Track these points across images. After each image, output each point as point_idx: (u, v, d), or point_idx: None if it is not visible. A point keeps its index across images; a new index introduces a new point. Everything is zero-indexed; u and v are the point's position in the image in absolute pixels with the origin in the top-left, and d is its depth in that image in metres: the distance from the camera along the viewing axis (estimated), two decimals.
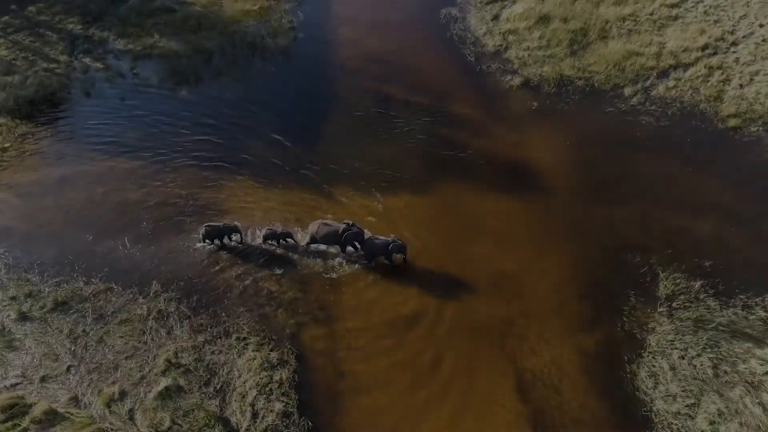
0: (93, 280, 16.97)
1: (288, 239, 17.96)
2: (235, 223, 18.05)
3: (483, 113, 23.34)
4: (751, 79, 23.33)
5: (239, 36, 27.91)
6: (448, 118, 23.13)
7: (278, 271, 17.37)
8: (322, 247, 17.93)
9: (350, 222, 17.36)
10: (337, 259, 17.71)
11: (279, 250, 17.99)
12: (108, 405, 13.99)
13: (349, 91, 24.65)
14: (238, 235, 18.04)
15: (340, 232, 17.26)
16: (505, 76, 25.19)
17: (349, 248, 17.77)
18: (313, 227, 17.55)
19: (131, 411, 13.94)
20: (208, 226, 17.67)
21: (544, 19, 27.70)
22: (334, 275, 17.31)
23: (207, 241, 17.87)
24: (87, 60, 26.04)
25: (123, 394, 14.26)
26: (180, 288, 16.84)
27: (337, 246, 17.76)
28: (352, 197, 19.67)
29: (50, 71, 24.98)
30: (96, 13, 29.04)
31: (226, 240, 18.07)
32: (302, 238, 18.23)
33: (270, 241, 17.98)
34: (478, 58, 26.43)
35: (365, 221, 18.61)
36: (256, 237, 18.31)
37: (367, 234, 17.84)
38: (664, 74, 24.28)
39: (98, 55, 26.30)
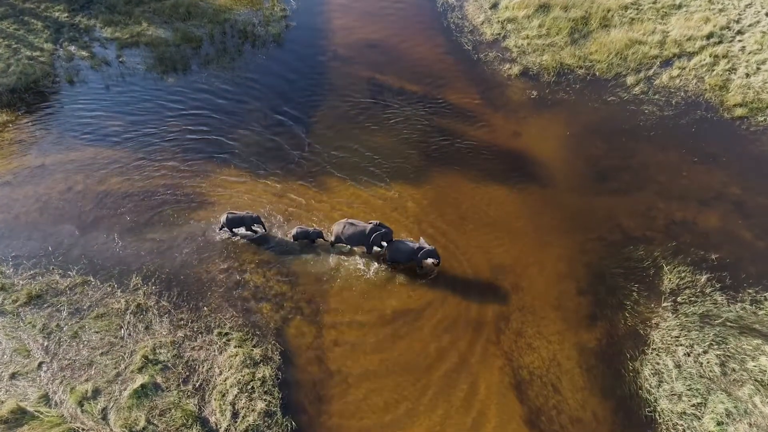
0: (70, 272, 16.17)
1: (319, 239, 17.03)
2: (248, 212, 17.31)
3: (480, 102, 22.55)
4: (758, 68, 22.60)
5: (230, 24, 27.11)
6: (445, 107, 22.35)
7: (265, 265, 16.59)
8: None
9: (377, 221, 16.52)
10: (321, 253, 16.96)
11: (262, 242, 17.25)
12: (80, 403, 13.24)
13: (343, 80, 23.86)
14: (260, 226, 17.26)
15: (367, 232, 16.33)
16: (503, 64, 24.39)
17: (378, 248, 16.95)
18: (338, 227, 16.59)
19: (104, 410, 13.17)
20: (231, 213, 16.91)
21: (543, 8, 26.91)
22: (323, 268, 16.53)
23: (227, 229, 17.13)
24: (72, 48, 25.22)
25: (96, 392, 13.49)
26: (161, 281, 16.05)
27: (363, 246, 16.85)
28: (344, 187, 18.89)
29: (34, 59, 24.17)
30: (83, 1, 28.22)
31: (244, 230, 17.35)
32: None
33: (301, 240, 17.10)
34: (475, 47, 25.64)
35: (357, 212, 17.86)
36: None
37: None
38: (667, 63, 23.52)
39: (84, 44, 25.49)
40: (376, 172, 19.40)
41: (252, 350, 14.34)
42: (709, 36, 24.22)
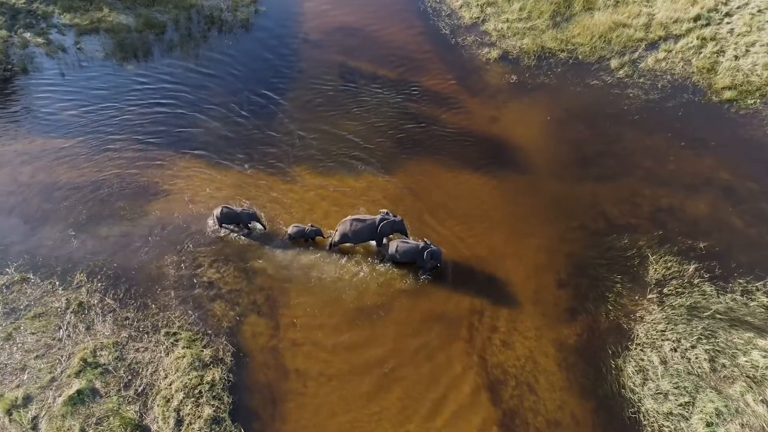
0: (7, 269, 14.87)
1: (317, 236, 15.75)
2: (253, 209, 16.20)
3: (457, 87, 21.43)
4: (747, 50, 21.62)
5: (196, 10, 25.80)
6: (420, 93, 21.20)
7: (220, 259, 15.38)
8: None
9: (386, 211, 15.38)
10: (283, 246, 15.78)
11: (223, 234, 16.03)
12: (8, 412, 12.02)
13: (314, 65, 22.66)
14: (257, 223, 16.06)
15: (377, 223, 15.10)
16: (481, 48, 23.27)
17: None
18: (344, 225, 15.25)
19: (35, 419, 11.95)
20: (226, 207, 15.68)
21: None
22: (284, 262, 15.34)
23: (223, 224, 15.95)
24: (27, 35, 23.81)
25: (28, 399, 12.26)
26: (107, 278, 14.80)
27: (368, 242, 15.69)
28: (310, 177, 17.71)
29: None
30: None
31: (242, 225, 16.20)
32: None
33: (297, 239, 15.79)
34: (453, 31, 24.49)
35: (321, 204, 16.73)
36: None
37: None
38: (653, 46, 22.50)
39: (40, 30, 24.09)
40: (344, 160, 18.24)
41: (201, 351, 13.14)
42: (697, 18, 23.24)
